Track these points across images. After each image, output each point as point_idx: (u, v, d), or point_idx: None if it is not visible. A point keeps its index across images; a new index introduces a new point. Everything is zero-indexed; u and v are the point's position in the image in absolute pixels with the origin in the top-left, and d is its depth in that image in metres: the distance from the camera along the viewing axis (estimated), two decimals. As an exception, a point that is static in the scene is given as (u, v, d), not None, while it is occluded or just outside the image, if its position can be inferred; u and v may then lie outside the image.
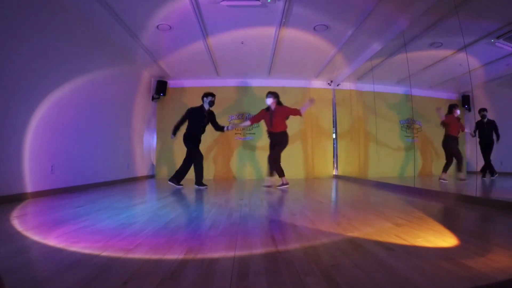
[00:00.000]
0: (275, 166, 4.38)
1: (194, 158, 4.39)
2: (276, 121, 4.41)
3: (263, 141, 6.43)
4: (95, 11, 3.77)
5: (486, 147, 4.52)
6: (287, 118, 4.51)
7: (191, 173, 4.45)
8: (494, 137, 4.50)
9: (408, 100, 4.90)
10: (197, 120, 4.43)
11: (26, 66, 3.14)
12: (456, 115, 4.69)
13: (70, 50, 3.84)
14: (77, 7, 3.68)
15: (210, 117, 4.57)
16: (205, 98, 4.49)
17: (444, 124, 4.68)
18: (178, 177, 4.37)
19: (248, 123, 4.88)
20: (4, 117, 2.90)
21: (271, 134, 4.53)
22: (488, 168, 4.51)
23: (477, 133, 4.57)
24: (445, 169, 4.73)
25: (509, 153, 4.50)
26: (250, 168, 6.95)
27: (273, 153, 4.42)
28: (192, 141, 4.43)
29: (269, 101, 4.48)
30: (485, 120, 4.58)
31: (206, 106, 4.49)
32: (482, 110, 4.60)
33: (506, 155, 4.54)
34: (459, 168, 4.71)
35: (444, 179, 4.65)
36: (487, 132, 4.51)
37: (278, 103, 4.51)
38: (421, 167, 5.67)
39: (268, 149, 4.67)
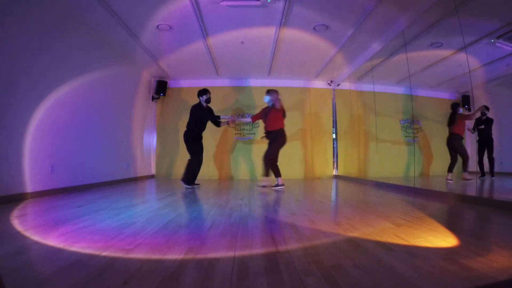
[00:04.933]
0: (271, 165, 4.23)
1: (197, 153, 4.49)
2: (270, 118, 4.28)
3: (263, 141, 6.40)
4: (95, 11, 3.77)
5: (484, 145, 4.51)
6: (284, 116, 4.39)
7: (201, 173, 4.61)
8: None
9: (408, 100, 4.90)
10: (198, 117, 4.48)
11: (26, 66, 3.14)
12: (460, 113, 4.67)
13: (70, 50, 3.84)
14: (77, 7, 3.68)
15: (210, 113, 4.63)
16: (201, 97, 4.55)
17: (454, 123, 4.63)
18: (189, 177, 4.46)
19: (249, 119, 4.93)
20: (4, 117, 2.90)
21: (267, 133, 4.41)
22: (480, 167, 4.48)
23: (476, 131, 4.56)
24: (450, 169, 4.66)
25: (509, 153, 4.50)
26: (250, 168, 6.95)
27: (269, 151, 4.26)
28: (192, 138, 4.49)
29: (267, 99, 4.34)
30: (484, 117, 4.54)
31: (204, 104, 4.55)
32: (486, 108, 4.57)
33: (506, 155, 4.54)
34: (464, 167, 4.64)
35: (450, 180, 4.58)
36: (486, 129, 4.49)
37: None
38: (422, 167, 5.66)
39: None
